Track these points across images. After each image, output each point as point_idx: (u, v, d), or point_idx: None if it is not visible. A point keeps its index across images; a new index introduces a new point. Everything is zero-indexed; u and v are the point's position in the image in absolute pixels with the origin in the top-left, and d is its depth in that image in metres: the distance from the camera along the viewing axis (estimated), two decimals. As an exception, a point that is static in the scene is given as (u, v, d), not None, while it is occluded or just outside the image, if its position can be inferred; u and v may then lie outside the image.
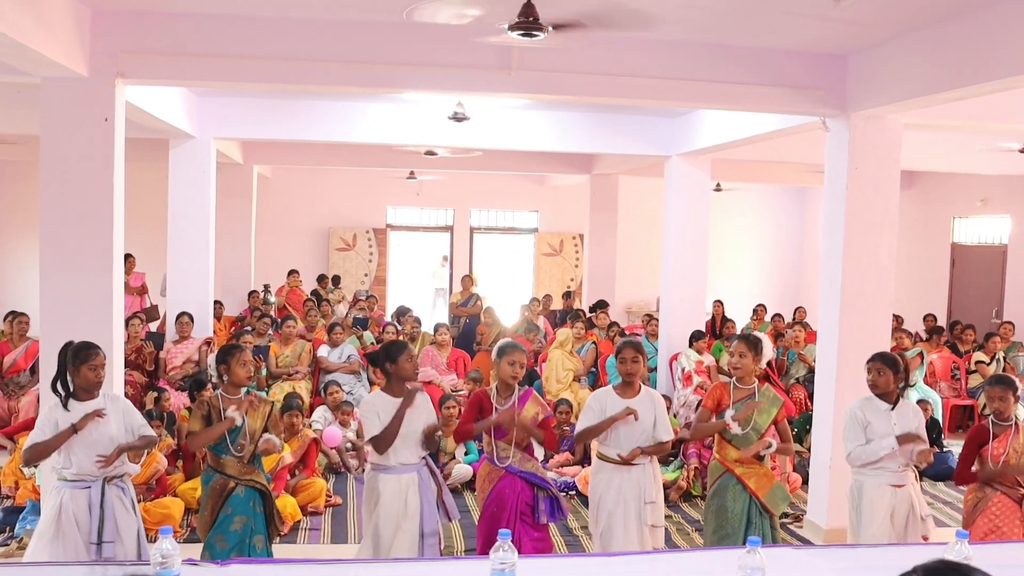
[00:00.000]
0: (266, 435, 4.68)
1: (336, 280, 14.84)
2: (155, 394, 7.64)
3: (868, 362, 4.87)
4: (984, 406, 5.37)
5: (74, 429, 4.23)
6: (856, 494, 4.87)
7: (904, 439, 4.71)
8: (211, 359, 4.87)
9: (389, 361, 4.75)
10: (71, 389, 4.34)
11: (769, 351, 5.02)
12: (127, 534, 4.40)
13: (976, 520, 4.77)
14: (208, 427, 4.54)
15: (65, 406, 4.30)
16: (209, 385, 7.65)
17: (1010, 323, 10.94)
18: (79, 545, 4.23)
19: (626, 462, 4.85)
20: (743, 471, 4.81)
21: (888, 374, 4.78)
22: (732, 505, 4.81)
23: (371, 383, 9.19)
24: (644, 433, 4.89)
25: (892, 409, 4.78)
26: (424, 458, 4.80)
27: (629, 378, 4.97)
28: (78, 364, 4.29)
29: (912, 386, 9.04)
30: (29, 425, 6.63)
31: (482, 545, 4.75)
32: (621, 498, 4.85)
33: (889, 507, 4.73)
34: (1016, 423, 4.81)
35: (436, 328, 10.07)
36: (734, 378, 5.00)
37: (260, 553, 4.67)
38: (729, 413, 4.82)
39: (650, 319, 11.07)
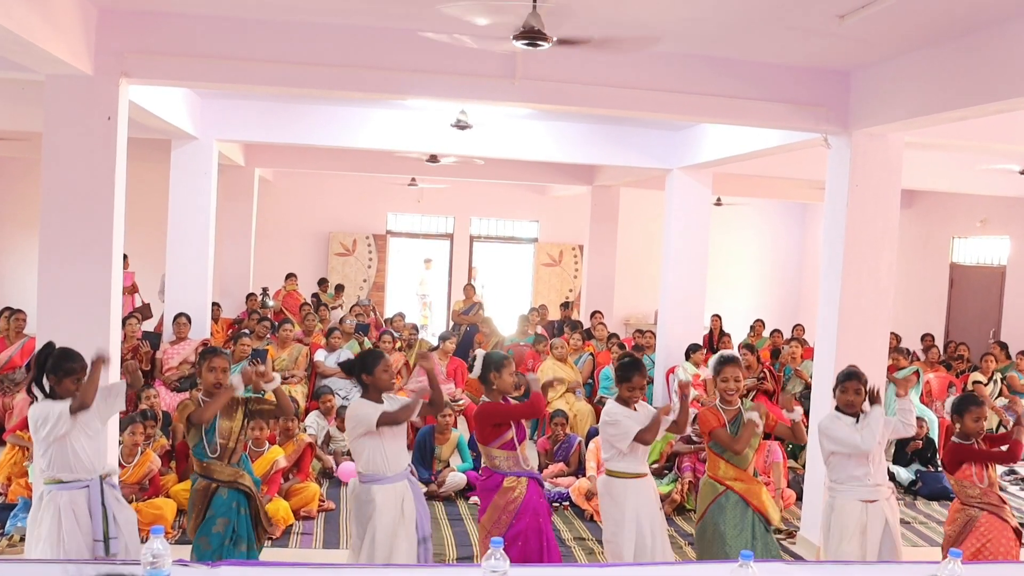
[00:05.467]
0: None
1: (339, 288, 14.83)
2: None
3: (846, 382, 4.86)
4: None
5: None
6: (828, 509, 4.87)
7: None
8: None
9: (365, 372, 4.67)
10: (48, 391, 4.27)
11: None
12: (127, 528, 4.41)
13: (966, 539, 4.76)
14: (201, 440, 4.57)
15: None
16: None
17: (1000, 343, 10.95)
18: (81, 546, 4.21)
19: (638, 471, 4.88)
20: (744, 488, 4.78)
21: (862, 391, 4.83)
22: (732, 529, 4.76)
23: (367, 388, 9.17)
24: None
25: (856, 422, 4.80)
26: (409, 465, 4.78)
27: (632, 402, 4.93)
28: (61, 377, 4.24)
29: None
30: (27, 423, 6.63)
31: (518, 555, 4.61)
32: (648, 509, 4.86)
33: (859, 523, 4.71)
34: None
35: (444, 337, 10.06)
36: (718, 401, 4.92)
37: (240, 556, 4.65)
38: (753, 415, 4.77)
39: (641, 334, 11.06)
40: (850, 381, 4.86)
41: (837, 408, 4.91)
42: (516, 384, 4.95)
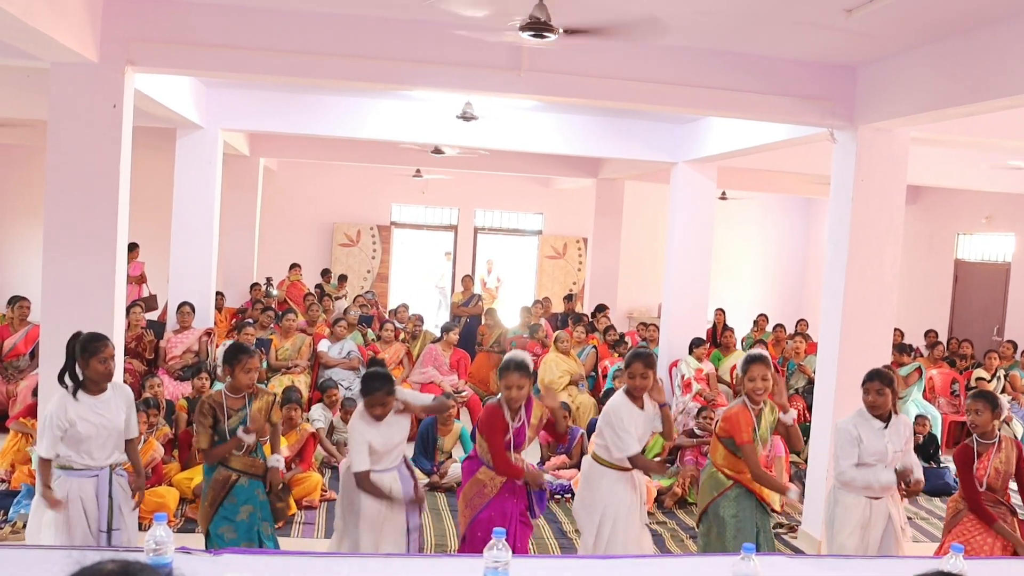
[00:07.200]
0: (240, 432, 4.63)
1: (343, 279, 14.85)
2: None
3: (866, 381, 4.76)
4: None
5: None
6: (832, 502, 4.86)
7: (902, 474, 4.68)
8: (219, 352, 4.87)
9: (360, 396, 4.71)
10: (80, 380, 4.26)
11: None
12: (130, 520, 4.42)
13: (953, 529, 4.79)
14: (218, 444, 4.60)
15: (74, 396, 4.22)
16: (205, 374, 7.68)
17: (1011, 342, 10.93)
18: (86, 534, 4.21)
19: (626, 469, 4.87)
20: (747, 479, 4.74)
21: (887, 393, 4.69)
22: (734, 520, 4.75)
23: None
24: (645, 437, 4.95)
25: (885, 427, 4.71)
26: (404, 458, 4.79)
27: (638, 392, 4.88)
28: (87, 357, 4.20)
29: (902, 399, 8.98)
30: (31, 410, 6.65)
31: (474, 545, 4.68)
32: (625, 504, 4.85)
33: (862, 518, 4.70)
34: (999, 440, 4.82)
35: (447, 328, 10.08)
36: (745, 398, 4.80)
37: (268, 539, 4.72)
38: (794, 490, 4.71)
39: (646, 327, 11.09)
40: (871, 381, 4.74)
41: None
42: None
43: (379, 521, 4.56)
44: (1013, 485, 4.96)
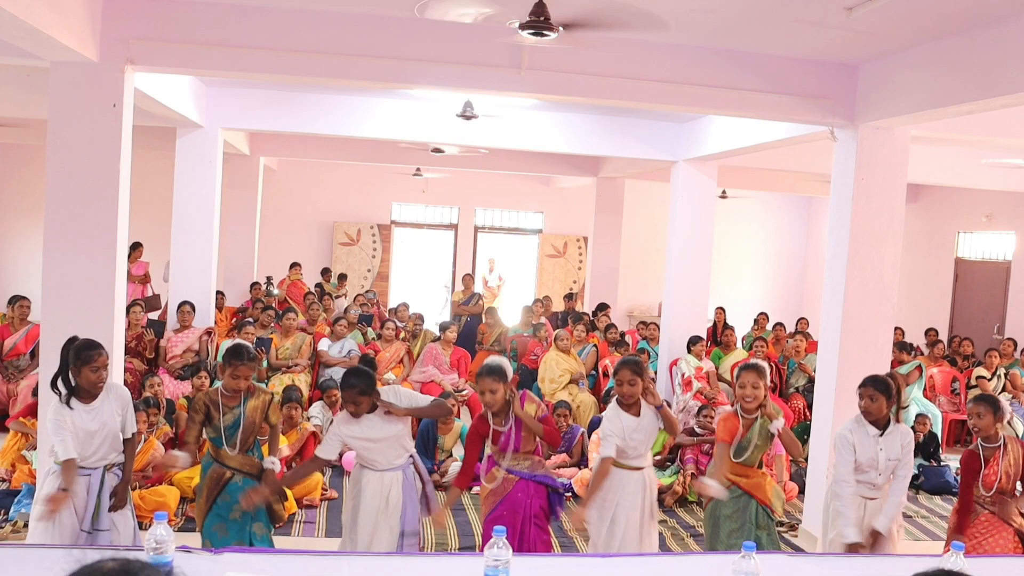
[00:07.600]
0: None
1: (343, 278, 14.87)
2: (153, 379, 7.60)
3: (860, 387, 4.73)
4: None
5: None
6: (829, 503, 4.85)
7: (872, 544, 4.57)
8: (221, 350, 4.87)
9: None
10: (72, 386, 4.24)
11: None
12: (122, 521, 4.40)
13: (965, 534, 4.76)
14: (213, 440, 4.67)
15: (67, 404, 4.21)
16: (205, 373, 7.68)
17: (1011, 340, 10.93)
18: (76, 531, 4.21)
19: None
20: (748, 483, 4.75)
21: (880, 400, 4.63)
22: (729, 522, 4.74)
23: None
24: (650, 440, 4.94)
25: (881, 435, 4.67)
26: (411, 456, 4.79)
27: (627, 400, 4.85)
28: (80, 365, 4.19)
29: (905, 408, 8.88)
30: (31, 409, 6.65)
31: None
32: (635, 502, 4.84)
33: (856, 518, 4.67)
34: (1004, 443, 4.80)
35: (445, 326, 10.08)
36: (739, 406, 4.82)
37: (261, 539, 4.69)
38: (715, 487, 4.70)
39: (646, 326, 11.09)
40: (863, 387, 4.71)
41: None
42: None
43: (375, 516, 4.58)
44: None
